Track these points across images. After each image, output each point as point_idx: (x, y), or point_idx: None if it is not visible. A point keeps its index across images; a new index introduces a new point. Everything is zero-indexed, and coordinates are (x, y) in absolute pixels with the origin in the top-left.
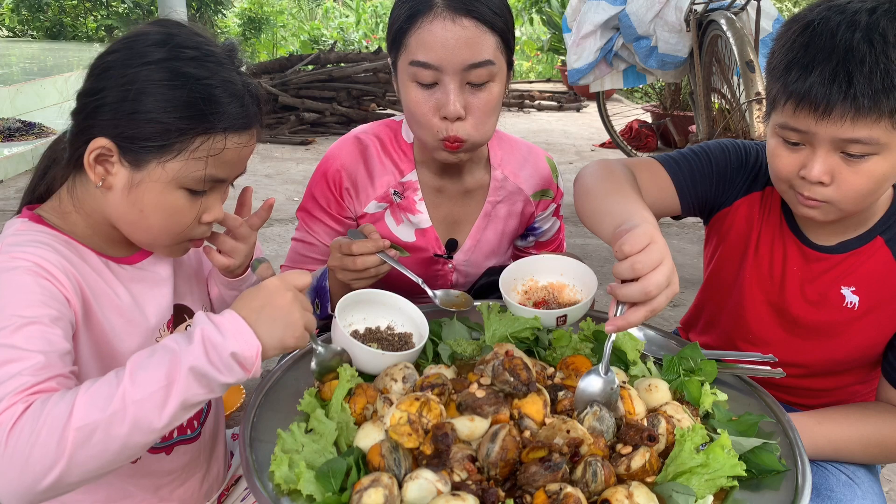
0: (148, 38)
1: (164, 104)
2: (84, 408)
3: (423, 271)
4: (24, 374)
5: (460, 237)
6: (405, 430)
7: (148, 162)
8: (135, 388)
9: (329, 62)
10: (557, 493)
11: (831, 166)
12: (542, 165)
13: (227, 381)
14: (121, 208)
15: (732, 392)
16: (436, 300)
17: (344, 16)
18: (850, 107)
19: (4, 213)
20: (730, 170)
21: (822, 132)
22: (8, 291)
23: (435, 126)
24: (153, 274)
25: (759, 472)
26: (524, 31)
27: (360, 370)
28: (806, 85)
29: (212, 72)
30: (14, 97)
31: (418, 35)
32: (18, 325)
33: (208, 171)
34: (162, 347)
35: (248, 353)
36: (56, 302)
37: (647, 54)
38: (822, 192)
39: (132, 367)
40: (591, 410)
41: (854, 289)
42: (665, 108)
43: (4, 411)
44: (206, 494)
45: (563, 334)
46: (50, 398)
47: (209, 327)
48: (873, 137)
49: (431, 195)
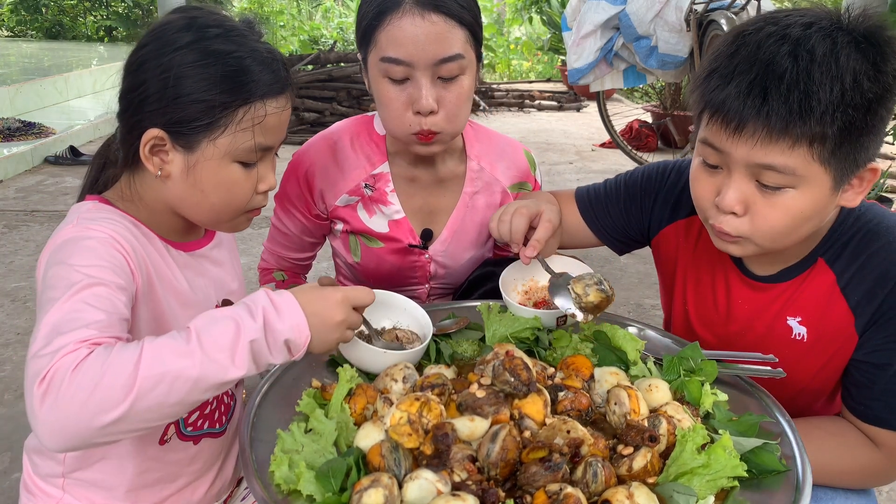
0: (172, 25)
1: (202, 83)
2: (151, 358)
3: (399, 263)
4: (89, 327)
5: (436, 228)
6: (405, 430)
7: (199, 142)
8: (203, 348)
9: (329, 62)
10: (557, 494)
11: (745, 195)
12: (520, 158)
13: (274, 361)
14: (182, 192)
15: (733, 392)
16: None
17: (343, 15)
18: (761, 125)
19: (4, 213)
20: (645, 198)
21: (736, 152)
22: (82, 254)
23: (407, 121)
24: (205, 263)
25: (759, 472)
26: (524, 30)
27: (363, 369)
28: (722, 96)
29: (238, 44)
30: (13, 97)
31: (388, 31)
32: (88, 283)
33: (256, 140)
34: (224, 317)
35: (299, 341)
36: (123, 272)
37: (647, 54)
38: (735, 226)
39: (198, 329)
40: (583, 281)
41: (800, 318)
42: (665, 108)
43: (68, 354)
44: (218, 494)
45: (563, 334)
46: (114, 346)
47: (271, 310)
48: (789, 166)
49: (404, 185)
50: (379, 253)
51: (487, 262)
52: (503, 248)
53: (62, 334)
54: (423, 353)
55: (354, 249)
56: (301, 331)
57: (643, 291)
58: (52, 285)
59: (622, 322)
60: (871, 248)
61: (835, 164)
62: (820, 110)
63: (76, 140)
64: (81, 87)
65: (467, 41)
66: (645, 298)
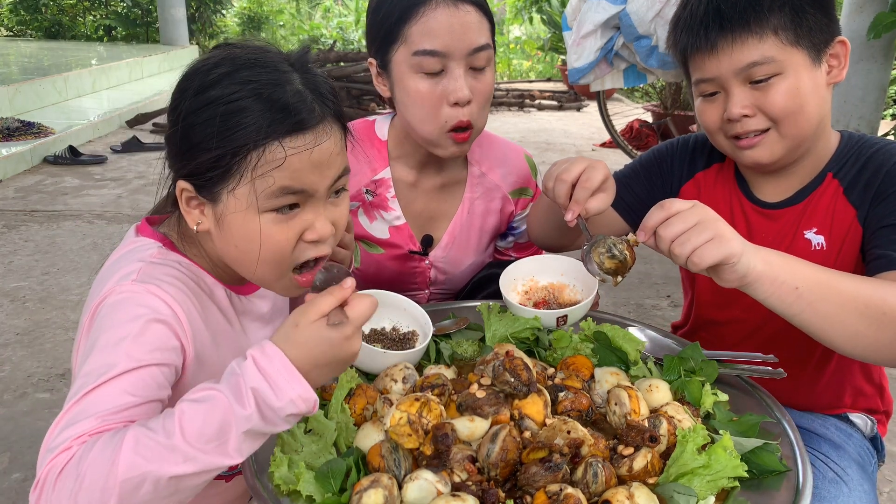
0: (195, 71)
1: (203, 132)
2: (130, 458)
3: (399, 268)
4: (98, 416)
5: (437, 233)
6: (405, 431)
7: (220, 194)
8: (187, 442)
9: (329, 62)
10: (558, 494)
11: (748, 99)
12: (521, 163)
13: (284, 429)
14: (221, 247)
15: (733, 392)
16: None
17: (343, 15)
18: (728, 36)
19: (3, 212)
20: (662, 162)
21: (721, 69)
22: (130, 329)
23: (444, 115)
24: (257, 302)
25: (759, 472)
26: (524, 30)
27: (363, 370)
28: (689, 34)
29: (243, 84)
30: (13, 97)
31: (422, 24)
32: (124, 369)
33: (278, 184)
34: (211, 398)
35: (305, 408)
36: (170, 351)
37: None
38: (754, 123)
39: (182, 418)
40: (604, 243)
41: (816, 229)
42: (666, 108)
43: (62, 453)
44: None
45: (563, 335)
46: (97, 442)
47: (263, 390)
48: (766, 55)
49: (405, 191)
50: (379, 259)
51: (492, 265)
52: (503, 253)
53: (71, 425)
54: (423, 353)
55: (354, 255)
56: (306, 399)
57: (643, 291)
58: (93, 361)
59: (622, 322)
60: (869, 153)
61: (805, 43)
62: (767, 2)
63: (75, 140)
64: (81, 87)
65: (490, 32)
66: (645, 298)
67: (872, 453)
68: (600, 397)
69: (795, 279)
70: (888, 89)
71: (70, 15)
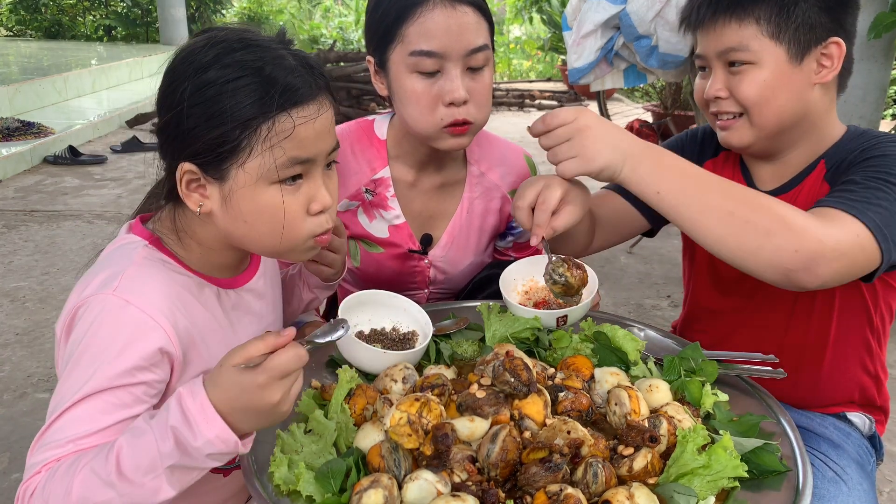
0: (186, 56)
1: (209, 110)
2: (79, 491)
3: (398, 268)
4: (72, 441)
5: (436, 233)
6: (405, 431)
7: (228, 170)
8: (123, 476)
9: (329, 62)
10: (558, 494)
11: (723, 81)
12: (520, 163)
13: (213, 465)
14: (228, 226)
15: (733, 392)
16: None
17: (343, 15)
18: (714, 15)
19: (3, 212)
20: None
21: (708, 48)
22: (105, 346)
23: (439, 115)
24: (249, 298)
25: (759, 472)
26: (524, 30)
27: (363, 370)
28: (689, 9)
29: (241, 61)
30: (13, 97)
31: (419, 24)
32: (101, 387)
33: (288, 154)
34: (143, 433)
35: (227, 449)
36: (148, 368)
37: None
38: (727, 105)
39: (119, 452)
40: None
41: None
42: (666, 108)
43: (34, 476)
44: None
45: (563, 335)
46: (58, 469)
47: (182, 428)
48: (742, 42)
49: (405, 190)
50: (378, 258)
51: (492, 265)
52: (503, 253)
53: (45, 448)
54: (423, 353)
55: (354, 254)
56: (226, 440)
57: (643, 291)
58: (72, 376)
59: (622, 322)
60: (861, 141)
61: (787, 38)
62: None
63: (75, 140)
64: (80, 87)
65: (489, 32)
66: (645, 298)
67: (871, 452)
68: (600, 397)
69: (659, 185)
70: (888, 89)
71: (70, 15)
